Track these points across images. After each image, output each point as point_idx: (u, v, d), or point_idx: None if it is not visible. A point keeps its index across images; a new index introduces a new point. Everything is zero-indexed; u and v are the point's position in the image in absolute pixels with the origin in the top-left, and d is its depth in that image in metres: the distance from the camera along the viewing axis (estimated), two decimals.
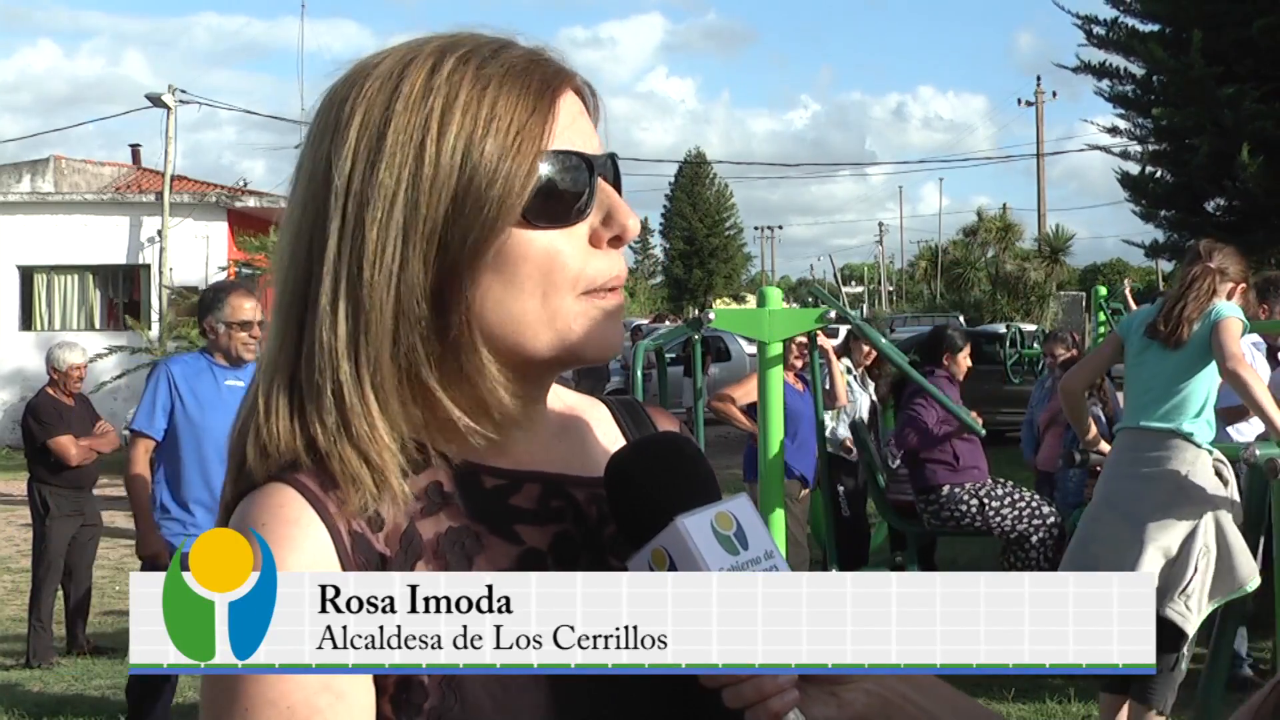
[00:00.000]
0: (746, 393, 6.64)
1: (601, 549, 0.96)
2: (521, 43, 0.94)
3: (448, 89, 0.89)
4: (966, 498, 6.37)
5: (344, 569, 0.87)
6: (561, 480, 0.97)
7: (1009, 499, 6.34)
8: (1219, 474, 4.21)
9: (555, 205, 0.90)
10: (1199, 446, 4.24)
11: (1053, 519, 6.36)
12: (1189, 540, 4.16)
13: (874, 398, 7.63)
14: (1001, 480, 6.59)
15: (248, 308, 4.79)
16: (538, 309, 0.91)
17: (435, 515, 0.91)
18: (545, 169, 0.90)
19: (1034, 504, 6.40)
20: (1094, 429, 4.85)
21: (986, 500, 6.35)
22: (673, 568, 0.86)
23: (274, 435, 0.90)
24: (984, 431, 6.36)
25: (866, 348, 7.56)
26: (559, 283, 0.91)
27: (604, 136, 0.97)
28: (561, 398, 1.03)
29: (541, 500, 0.95)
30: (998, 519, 6.32)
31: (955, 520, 6.45)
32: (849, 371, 7.54)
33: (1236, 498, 4.25)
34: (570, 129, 0.92)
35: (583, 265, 0.92)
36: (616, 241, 0.94)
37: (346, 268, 0.88)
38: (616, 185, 0.96)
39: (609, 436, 1.06)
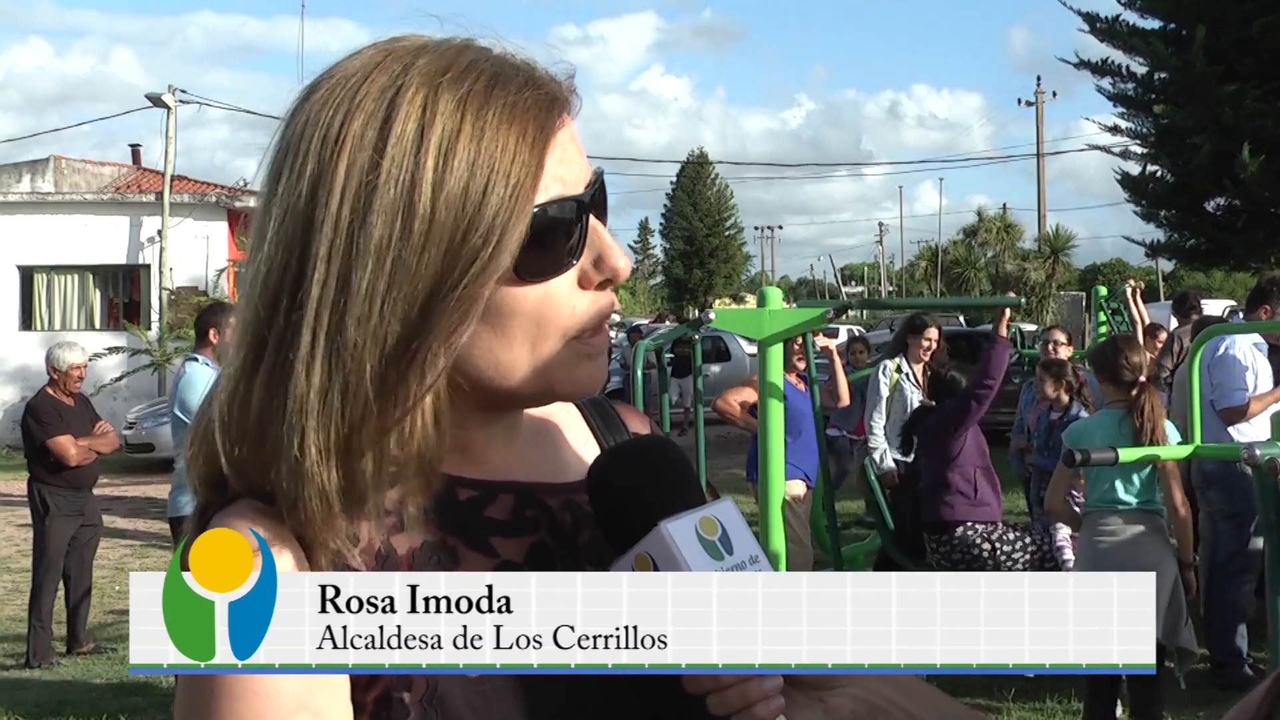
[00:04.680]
0: (752, 393, 6.62)
1: (578, 557, 0.95)
2: (512, 56, 0.90)
3: (442, 136, 0.84)
4: (979, 540, 6.20)
5: None
6: (535, 489, 0.96)
7: (1020, 544, 6.20)
8: None
9: (547, 257, 0.88)
10: None
11: (1069, 565, 6.25)
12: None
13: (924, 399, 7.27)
14: (1012, 525, 6.45)
15: None
16: (526, 357, 0.89)
17: (410, 530, 0.90)
18: (537, 221, 0.87)
19: (1045, 548, 6.26)
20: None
21: (999, 545, 6.19)
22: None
23: (236, 466, 0.87)
24: (1021, 302, 6.24)
25: (925, 342, 7.34)
26: (549, 332, 0.89)
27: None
28: None
29: (515, 511, 0.94)
30: (1009, 564, 6.19)
31: (966, 564, 6.30)
32: (900, 370, 7.33)
33: None
34: (562, 165, 0.89)
35: (572, 310, 0.90)
36: (606, 284, 0.92)
37: (329, 320, 0.84)
38: (603, 204, 0.93)
39: (580, 438, 1.05)
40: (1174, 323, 9.65)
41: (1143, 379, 5.04)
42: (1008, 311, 6.22)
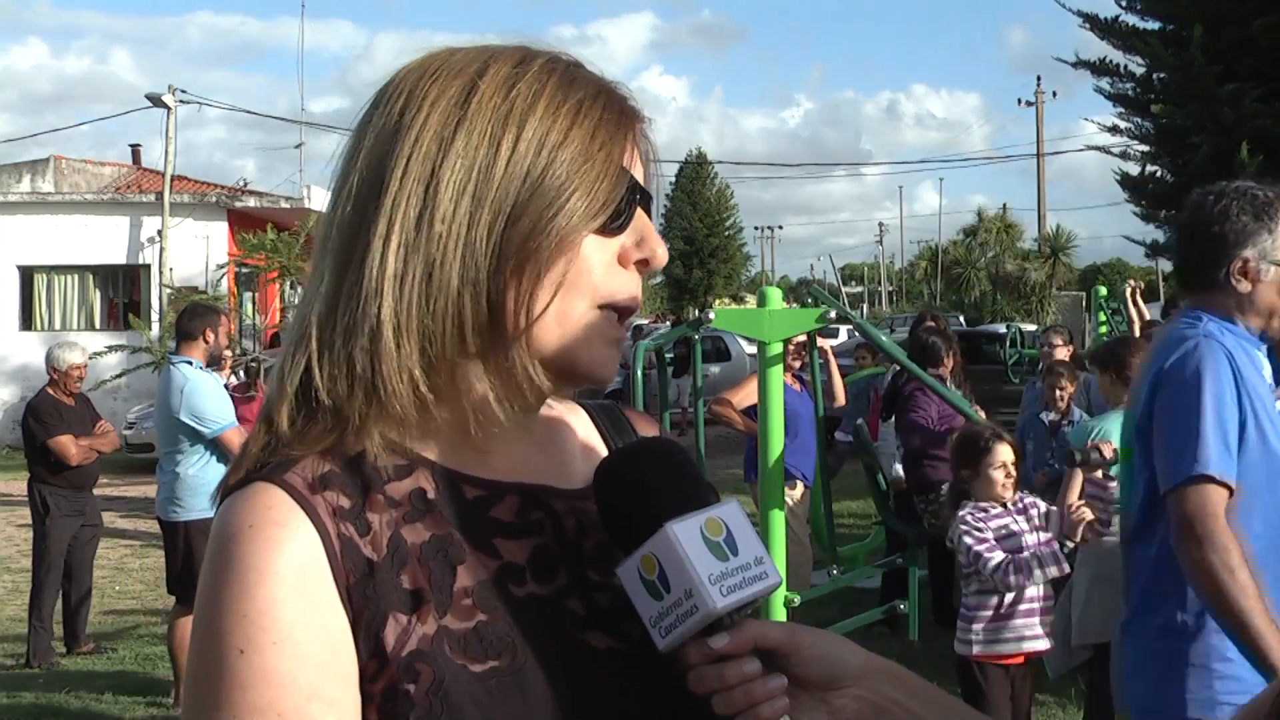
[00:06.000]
0: (745, 396, 6.63)
1: (581, 561, 0.95)
2: (591, 69, 0.98)
3: (534, 79, 0.93)
4: None
5: (332, 572, 0.87)
6: (541, 491, 0.97)
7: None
8: None
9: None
10: None
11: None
12: None
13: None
14: None
15: None
16: (556, 305, 0.92)
17: (418, 522, 0.91)
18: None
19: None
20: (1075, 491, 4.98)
21: None
22: (662, 574, 0.86)
23: (322, 380, 0.90)
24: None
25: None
26: (580, 285, 0.92)
27: (655, 174, 1.01)
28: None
29: (521, 512, 0.95)
30: None
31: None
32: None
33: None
34: (628, 155, 0.96)
35: (606, 278, 0.94)
36: (643, 265, 0.96)
37: (405, 209, 0.90)
38: (649, 205, 0.99)
39: (589, 443, 1.06)
40: None
41: None
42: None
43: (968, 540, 4.20)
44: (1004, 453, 4.29)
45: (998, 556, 4.12)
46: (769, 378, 4.42)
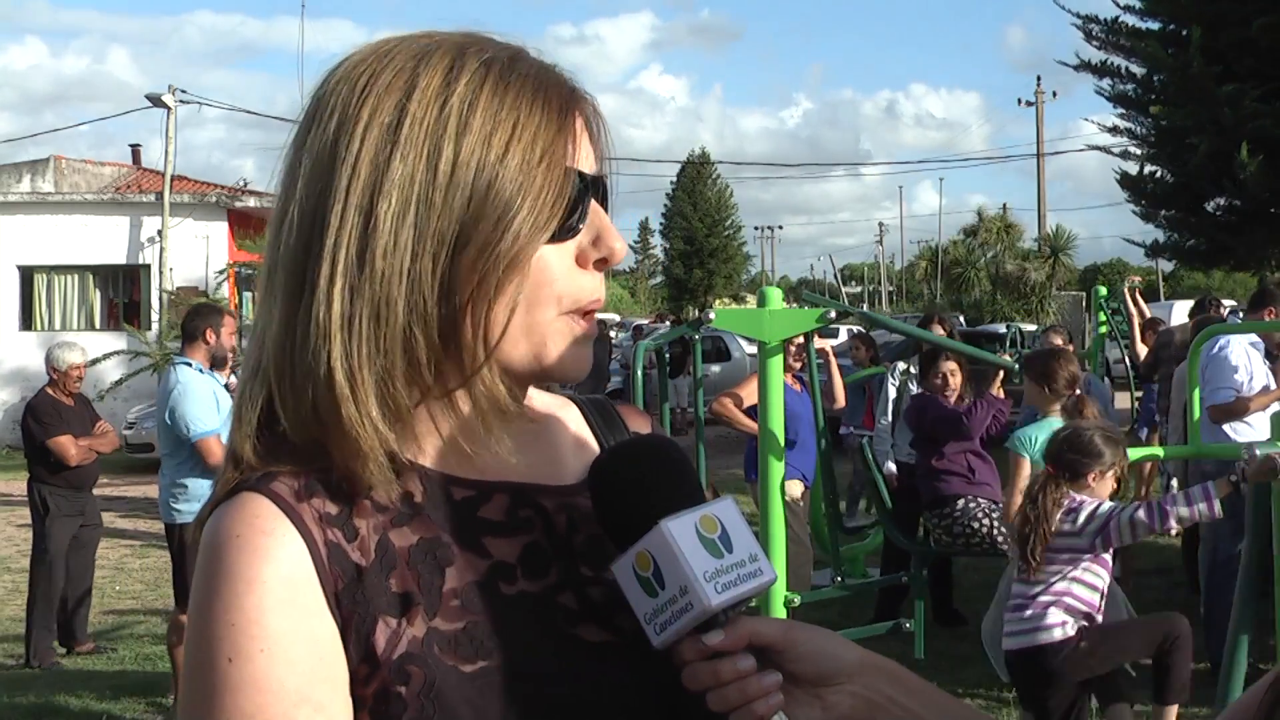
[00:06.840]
0: (748, 395, 6.63)
1: (572, 557, 0.95)
2: (531, 54, 0.94)
3: (466, 90, 0.89)
4: (981, 516, 6.17)
5: (320, 579, 0.86)
6: (530, 489, 0.97)
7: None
8: None
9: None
10: None
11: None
12: None
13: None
14: None
15: None
16: (519, 319, 0.90)
17: (405, 526, 0.91)
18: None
19: None
20: None
21: (996, 526, 6.16)
22: (657, 571, 0.86)
23: (288, 422, 0.89)
24: (1016, 366, 6.42)
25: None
26: (543, 297, 0.91)
27: (607, 150, 0.97)
28: (532, 398, 1.02)
29: (510, 511, 0.95)
30: (1006, 545, 6.17)
31: (965, 538, 6.28)
32: (908, 373, 7.46)
33: None
34: (573, 144, 0.93)
35: (568, 283, 0.92)
36: (602, 264, 0.94)
37: (347, 248, 0.87)
38: (605, 195, 0.96)
39: (580, 439, 1.06)
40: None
41: (1078, 391, 5.36)
42: (1001, 372, 6.43)
43: (1104, 506, 4.12)
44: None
45: (1138, 505, 4.12)
46: (769, 378, 4.42)
